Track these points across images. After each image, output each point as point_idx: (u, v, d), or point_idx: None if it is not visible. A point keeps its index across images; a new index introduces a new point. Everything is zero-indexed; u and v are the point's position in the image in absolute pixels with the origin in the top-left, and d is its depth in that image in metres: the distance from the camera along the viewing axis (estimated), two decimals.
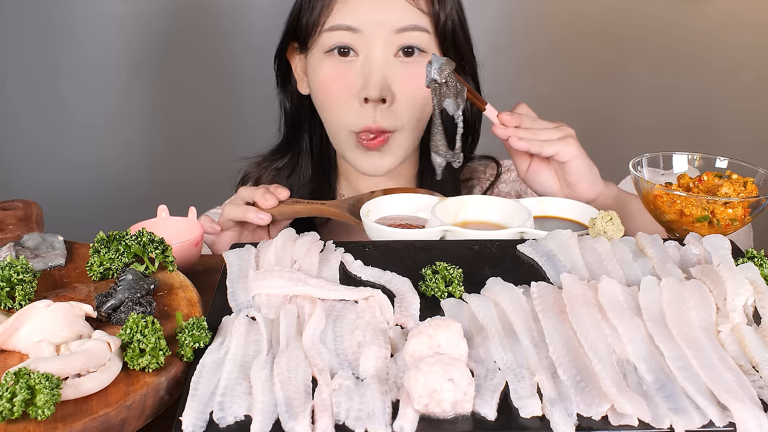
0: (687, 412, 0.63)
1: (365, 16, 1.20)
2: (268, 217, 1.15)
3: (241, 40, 2.27)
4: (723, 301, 0.77)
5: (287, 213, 1.17)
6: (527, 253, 0.91)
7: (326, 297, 0.81)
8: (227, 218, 1.16)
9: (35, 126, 2.33)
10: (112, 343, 0.69)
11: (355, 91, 1.21)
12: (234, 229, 1.18)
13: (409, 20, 1.20)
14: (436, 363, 0.63)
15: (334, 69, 1.23)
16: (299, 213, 1.18)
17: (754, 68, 2.40)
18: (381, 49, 1.20)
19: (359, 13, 1.20)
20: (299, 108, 1.37)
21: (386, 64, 1.21)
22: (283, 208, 1.17)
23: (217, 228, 1.17)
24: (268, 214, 1.15)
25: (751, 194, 1.03)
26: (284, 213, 1.17)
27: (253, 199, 1.16)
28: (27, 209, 1.09)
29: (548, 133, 1.13)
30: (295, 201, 1.19)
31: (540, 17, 2.37)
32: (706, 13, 2.35)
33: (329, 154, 1.38)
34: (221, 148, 2.27)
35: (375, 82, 1.19)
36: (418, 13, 1.21)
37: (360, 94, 1.21)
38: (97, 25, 2.24)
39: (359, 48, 1.21)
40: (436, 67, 1.07)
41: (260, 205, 1.16)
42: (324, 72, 1.24)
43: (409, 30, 1.21)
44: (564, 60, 2.38)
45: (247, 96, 2.26)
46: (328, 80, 1.23)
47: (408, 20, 1.20)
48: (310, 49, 1.26)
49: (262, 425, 0.61)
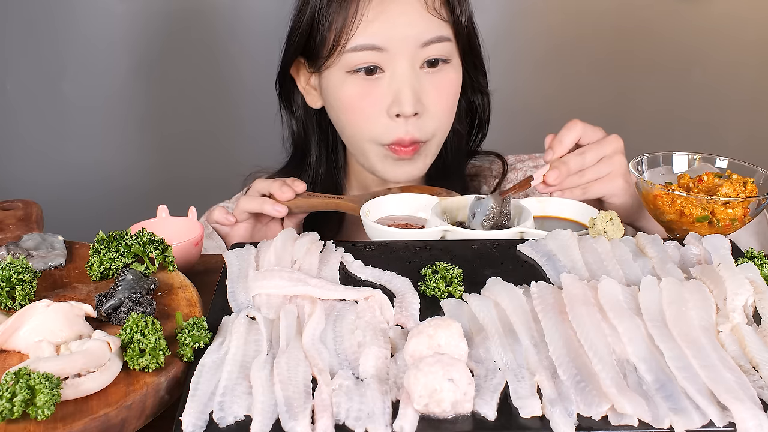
0: (687, 412, 0.63)
1: (390, 33, 1.17)
2: (285, 209, 1.15)
3: (242, 41, 2.27)
4: (723, 301, 0.77)
5: (303, 206, 1.17)
6: (527, 253, 0.91)
7: (326, 297, 0.81)
8: (243, 210, 1.16)
9: (35, 126, 2.33)
10: (112, 343, 0.69)
11: (384, 107, 1.19)
12: (249, 221, 1.18)
13: (433, 32, 1.19)
14: (436, 363, 0.63)
15: (360, 88, 1.20)
16: (315, 207, 1.18)
17: (754, 68, 2.40)
18: (408, 64, 1.18)
19: (383, 31, 1.17)
20: (306, 124, 1.35)
21: (415, 78, 1.19)
22: (300, 201, 1.17)
23: (232, 219, 1.16)
24: (284, 206, 1.15)
25: (751, 194, 1.03)
26: (300, 206, 1.17)
27: (270, 191, 1.16)
28: (27, 209, 1.09)
29: (596, 171, 1.09)
30: (311, 195, 1.19)
31: (540, 17, 2.37)
32: (706, 12, 2.35)
33: (338, 158, 1.37)
34: (221, 148, 2.28)
35: (407, 98, 1.17)
36: (440, 23, 1.20)
37: (391, 110, 1.19)
38: (97, 26, 2.24)
39: (385, 65, 1.19)
40: (480, 221, 1.04)
41: (277, 198, 1.16)
42: (348, 92, 1.21)
43: (434, 42, 1.19)
44: (564, 60, 2.38)
45: (248, 96, 2.26)
46: (353, 99, 1.21)
47: (432, 32, 1.18)
48: (329, 68, 1.22)
49: (262, 425, 0.61)
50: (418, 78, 1.20)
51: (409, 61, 1.18)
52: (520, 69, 2.37)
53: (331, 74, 1.22)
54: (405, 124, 1.19)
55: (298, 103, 1.35)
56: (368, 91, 1.20)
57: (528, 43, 2.38)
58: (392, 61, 1.18)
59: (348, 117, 1.23)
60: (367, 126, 1.22)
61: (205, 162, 2.27)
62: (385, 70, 1.19)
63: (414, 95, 1.18)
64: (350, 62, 1.19)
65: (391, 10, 1.17)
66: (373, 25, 1.17)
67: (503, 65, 2.30)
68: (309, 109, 1.34)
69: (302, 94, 1.33)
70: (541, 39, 2.38)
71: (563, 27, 2.37)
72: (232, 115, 2.34)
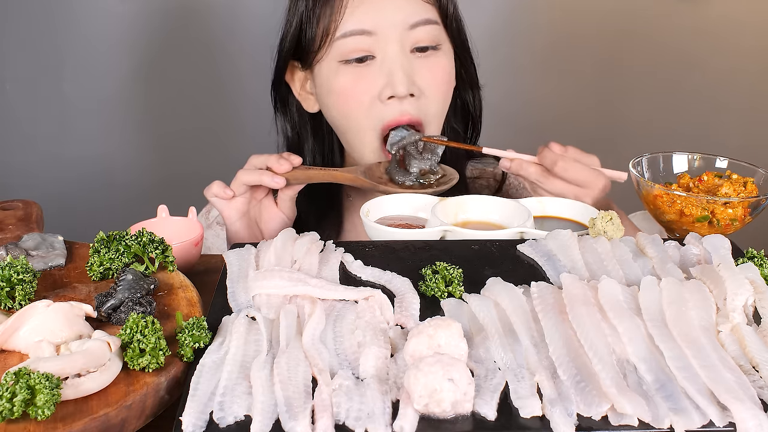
0: (687, 412, 0.63)
1: (377, 17, 1.19)
2: (283, 180, 1.16)
3: (241, 39, 2.27)
4: (723, 301, 0.77)
5: (301, 178, 1.18)
6: (527, 253, 0.91)
7: (326, 297, 0.81)
8: (241, 182, 1.17)
9: (35, 125, 2.33)
10: (112, 343, 0.69)
11: (377, 91, 1.20)
12: (245, 195, 1.18)
13: (420, 14, 1.21)
14: (436, 363, 0.63)
15: (352, 75, 1.21)
16: (313, 178, 1.19)
17: (754, 68, 2.40)
18: (397, 47, 1.20)
19: (371, 15, 1.19)
20: (301, 131, 1.36)
21: (406, 60, 1.20)
22: (297, 173, 1.17)
23: (230, 193, 1.17)
24: (282, 178, 1.16)
25: (751, 194, 1.03)
26: (298, 178, 1.18)
27: (267, 164, 1.17)
28: (27, 209, 1.09)
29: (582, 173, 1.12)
30: (308, 167, 1.20)
31: (539, 17, 2.37)
32: (705, 13, 2.35)
33: (333, 164, 1.37)
34: (221, 147, 2.27)
35: (400, 79, 1.19)
36: (426, 6, 1.22)
37: (383, 93, 1.20)
38: (97, 25, 2.25)
39: (375, 50, 1.20)
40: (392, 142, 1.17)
41: (275, 170, 1.16)
42: (341, 81, 1.22)
43: (422, 24, 1.21)
44: (564, 60, 2.38)
45: (248, 95, 2.26)
46: (347, 87, 1.22)
47: (419, 15, 1.20)
48: (320, 61, 1.23)
49: (262, 425, 0.61)
50: (410, 61, 1.21)
51: (399, 44, 1.20)
52: (517, 71, 2.37)
53: (323, 68, 1.24)
54: (400, 104, 1.20)
55: (293, 111, 1.35)
56: (360, 78, 1.21)
57: (526, 46, 2.38)
58: (382, 45, 1.19)
59: (342, 108, 1.24)
60: (362, 113, 1.22)
61: (205, 161, 2.27)
62: (376, 56, 1.20)
63: (406, 76, 1.19)
64: (341, 50, 1.20)
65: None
66: (360, 10, 1.19)
67: (502, 66, 2.30)
68: (304, 115, 1.34)
69: (297, 101, 1.33)
70: (540, 42, 2.38)
71: (562, 29, 2.37)
72: (232, 114, 2.34)
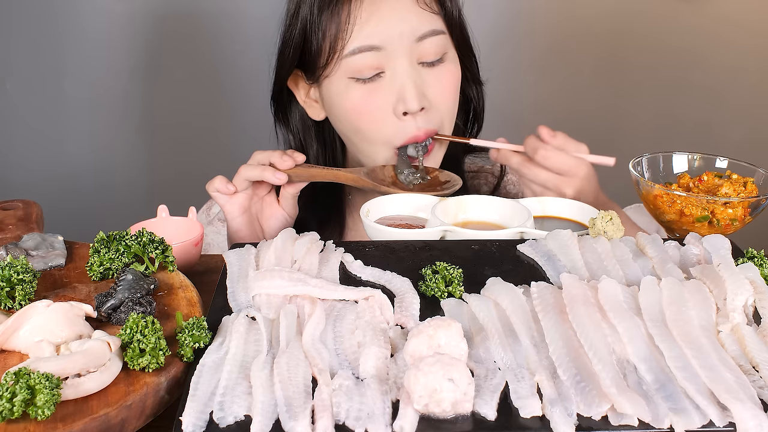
0: (687, 412, 0.63)
1: (385, 31, 1.17)
2: (285, 176, 1.16)
3: (241, 39, 2.27)
4: (723, 301, 0.77)
5: (304, 175, 1.18)
6: (527, 253, 0.91)
7: (326, 297, 0.81)
8: (244, 178, 1.16)
9: (35, 125, 2.33)
10: (112, 343, 0.69)
11: (390, 106, 1.19)
12: (247, 191, 1.18)
13: (427, 26, 1.19)
14: (436, 363, 0.63)
15: (363, 91, 1.19)
16: (315, 177, 1.19)
17: (754, 68, 2.40)
18: (406, 60, 1.18)
19: (379, 30, 1.17)
20: (305, 138, 1.34)
21: (416, 74, 1.19)
22: (299, 170, 1.17)
23: (232, 188, 1.16)
24: (284, 174, 1.16)
25: (751, 194, 1.03)
26: (301, 175, 1.18)
27: (270, 160, 1.17)
28: (27, 209, 1.09)
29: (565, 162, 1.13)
30: (310, 165, 1.20)
31: (540, 17, 2.37)
32: (706, 12, 2.35)
33: (335, 162, 1.37)
34: (221, 147, 2.27)
35: (412, 94, 1.17)
36: (432, 17, 1.20)
37: (397, 108, 1.18)
38: (97, 25, 2.25)
39: (384, 65, 1.18)
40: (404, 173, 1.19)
41: (278, 166, 1.16)
42: (352, 98, 1.20)
43: (428, 36, 1.19)
44: (564, 60, 2.39)
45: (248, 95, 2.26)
46: (358, 104, 1.20)
47: (426, 26, 1.19)
48: (329, 76, 1.21)
49: (262, 425, 0.61)
50: (419, 73, 1.20)
51: (408, 57, 1.19)
52: (519, 70, 2.37)
53: (331, 83, 1.22)
54: (414, 120, 1.20)
55: (295, 119, 1.34)
56: (372, 93, 1.19)
57: (527, 45, 2.38)
58: (391, 60, 1.18)
59: (356, 123, 1.22)
60: (376, 129, 1.21)
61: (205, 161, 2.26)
62: (386, 71, 1.19)
63: (417, 90, 1.18)
64: (350, 67, 1.18)
65: (383, 9, 1.17)
66: (368, 26, 1.17)
67: (504, 66, 2.30)
68: (307, 122, 1.33)
69: (300, 109, 1.32)
70: (541, 40, 2.38)
71: (562, 27, 2.37)
72: (232, 114, 2.34)
